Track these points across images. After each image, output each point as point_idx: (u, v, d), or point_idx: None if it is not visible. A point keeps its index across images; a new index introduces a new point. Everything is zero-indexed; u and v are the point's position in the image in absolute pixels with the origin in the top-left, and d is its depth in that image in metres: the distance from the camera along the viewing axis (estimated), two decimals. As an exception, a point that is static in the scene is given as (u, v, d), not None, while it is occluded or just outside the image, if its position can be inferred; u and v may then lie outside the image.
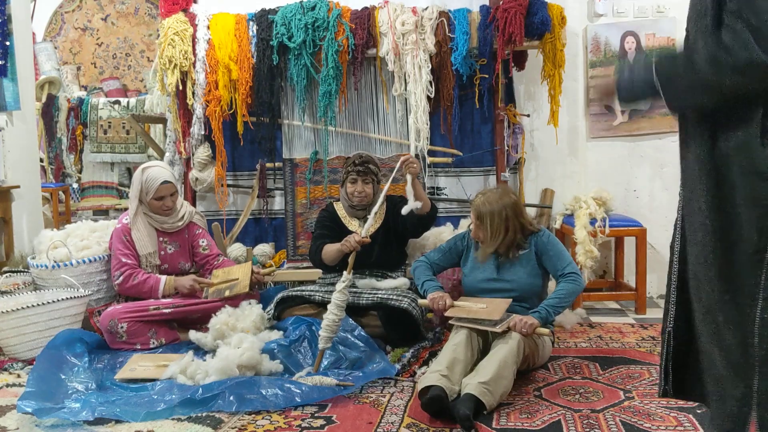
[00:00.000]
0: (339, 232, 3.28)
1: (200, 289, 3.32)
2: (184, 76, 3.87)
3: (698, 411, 2.28)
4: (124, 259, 3.26)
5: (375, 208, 3.08)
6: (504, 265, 2.86)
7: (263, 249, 4.05)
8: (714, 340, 1.40)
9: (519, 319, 2.60)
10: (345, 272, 2.81)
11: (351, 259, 2.88)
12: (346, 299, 2.77)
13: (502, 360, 2.43)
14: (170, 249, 3.42)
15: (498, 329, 2.58)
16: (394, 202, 3.37)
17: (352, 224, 3.33)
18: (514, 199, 2.86)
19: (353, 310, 3.07)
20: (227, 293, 3.28)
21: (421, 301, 2.96)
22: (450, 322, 2.74)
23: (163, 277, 3.29)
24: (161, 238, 3.40)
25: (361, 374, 2.69)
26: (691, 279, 1.47)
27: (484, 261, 2.88)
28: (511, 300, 2.75)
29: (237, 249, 3.97)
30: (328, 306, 2.76)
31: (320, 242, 3.28)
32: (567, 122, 4.10)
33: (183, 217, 3.46)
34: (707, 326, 1.42)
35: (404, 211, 3.07)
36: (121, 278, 3.24)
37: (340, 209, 3.42)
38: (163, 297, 3.27)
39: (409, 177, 3.12)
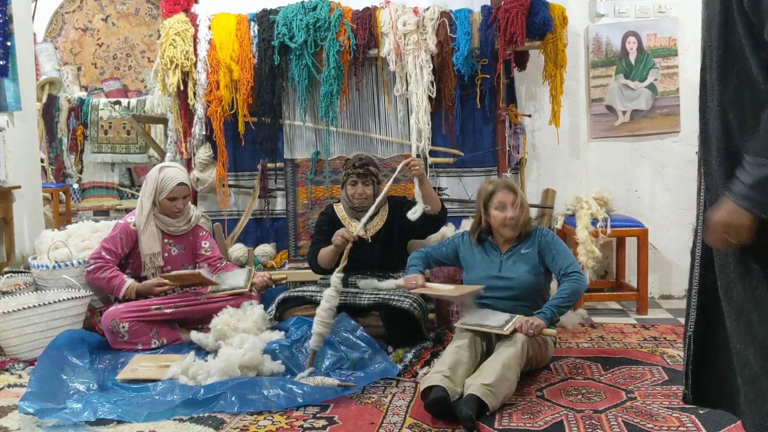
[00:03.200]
0: None
1: (162, 284, 3.24)
2: (186, 76, 3.87)
3: (700, 411, 2.27)
4: (104, 253, 3.28)
5: (371, 210, 3.04)
6: (506, 262, 2.86)
7: (264, 249, 4.05)
8: (747, 338, 1.40)
9: (525, 320, 2.60)
10: (338, 267, 2.82)
11: (345, 252, 2.89)
12: (339, 290, 2.78)
13: (506, 362, 2.43)
14: (174, 251, 3.42)
15: (506, 331, 2.57)
16: (398, 202, 3.36)
17: (352, 225, 3.32)
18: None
19: (355, 310, 3.07)
20: (227, 288, 3.29)
21: (397, 282, 3.05)
22: (456, 325, 2.72)
23: (128, 281, 3.25)
24: (165, 240, 3.39)
25: (362, 375, 2.68)
26: (721, 279, 1.46)
27: (507, 243, 2.91)
28: (482, 286, 2.79)
29: (238, 249, 3.97)
30: (322, 297, 2.77)
31: (316, 248, 3.27)
32: (568, 122, 4.10)
33: (190, 221, 3.46)
34: (740, 325, 1.42)
35: (413, 216, 3.06)
36: (92, 267, 3.26)
37: (339, 210, 3.41)
38: (126, 298, 3.23)
39: (415, 179, 3.11)
